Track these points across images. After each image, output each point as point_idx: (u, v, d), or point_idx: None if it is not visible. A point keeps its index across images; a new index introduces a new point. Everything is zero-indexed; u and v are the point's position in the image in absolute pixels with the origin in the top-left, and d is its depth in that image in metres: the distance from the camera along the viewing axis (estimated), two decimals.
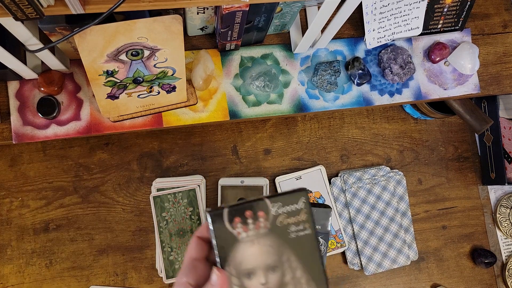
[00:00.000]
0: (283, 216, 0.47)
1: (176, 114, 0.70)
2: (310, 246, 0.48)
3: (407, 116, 0.93)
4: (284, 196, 0.47)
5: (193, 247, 0.47)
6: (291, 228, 0.47)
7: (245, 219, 0.46)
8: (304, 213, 0.47)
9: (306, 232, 0.47)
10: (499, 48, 0.80)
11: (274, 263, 0.47)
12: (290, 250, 0.47)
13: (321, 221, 0.63)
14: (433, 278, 0.89)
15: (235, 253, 0.46)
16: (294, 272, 0.48)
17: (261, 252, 0.47)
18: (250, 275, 0.46)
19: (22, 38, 0.52)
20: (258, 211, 0.46)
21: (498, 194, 0.95)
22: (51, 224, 0.80)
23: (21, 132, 0.67)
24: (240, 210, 0.46)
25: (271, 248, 0.47)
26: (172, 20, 0.52)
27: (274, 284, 0.47)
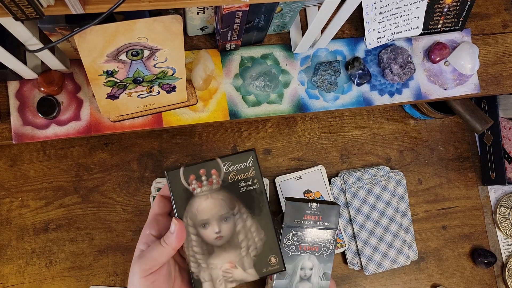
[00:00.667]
0: (233, 173, 0.53)
1: (176, 114, 0.70)
2: (258, 198, 0.54)
3: (407, 116, 0.93)
4: (234, 156, 0.53)
5: (156, 204, 0.53)
6: (241, 183, 0.53)
7: (199, 176, 0.52)
8: (252, 170, 0.53)
9: (254, 187, 0.53)
10: (499, 48, 0.80)
11: (227, 214, 0.53)
12: (240, 202, 0.53)
13: (329, 217, 0.68)
14: (433, 278, 0.89)
15: (191, 206, 0.52)
16: (245, 222, 0.53)
17: (214, 204, 0.52)
18: (205, 225, 0.52)
19: (22, 38, 0.52)
20: (211, 169, 0.52)
21: (498, 194, 0.95)
22: (51, 224, 0.80)
23: (21, 132, 0.67)
24: (195, 169, 0.52)
25: (223, 201, 0.53)
26: (172, 20, 0.52)
27: (227, 232, 0.53)
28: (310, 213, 0.67)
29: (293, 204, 0.66)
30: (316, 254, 0.67)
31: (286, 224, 0.66)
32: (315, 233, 0.67)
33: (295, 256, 0.67)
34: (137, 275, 0.48)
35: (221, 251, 0.53)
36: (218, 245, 0.53)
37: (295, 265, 0.67)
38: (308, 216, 0.67)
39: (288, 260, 0.67)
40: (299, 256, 0.67)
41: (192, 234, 0.52)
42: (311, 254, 0.67)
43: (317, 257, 0.67)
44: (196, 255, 0.52)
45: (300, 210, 0.67)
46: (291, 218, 0.66)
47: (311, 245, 0.67)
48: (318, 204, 0.67)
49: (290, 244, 0.67)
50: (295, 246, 0.67)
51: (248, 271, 0.53)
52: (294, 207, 0.66)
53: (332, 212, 0.67)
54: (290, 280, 0.67)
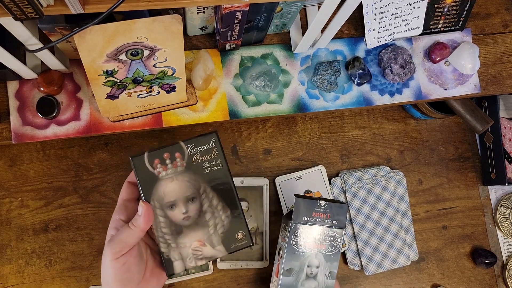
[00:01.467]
0: (197, 155, 0.55)
1: (176, 114, 0.70)
2: (223, 177, 0.56)
3: (408, 116, 0.93)
4: (197, 138, 0.55)
5: (124, 190, 0.55)
6: (205, 164, 0.55)
7: (163, 160, 0.54)
8: (215, 151, 0.55)
9: (218, 167, 0.55)
10: (500, 48, 0.80)
11: (193, 195, 0.55)
12: (205, 182, 0.55)
13: (337, 216, 0.68)
14: (434, 278, 0.89)
15: (157, 189, 0.54)
16: (211, 201, 0.55)
17: (180, 186, 0.54)
18: (172, 206, 0.54)
19: (22, 38, 0.52)
20: (175, 153, 0.54)
21: (499, 194, 0.94)
22: (51, 224, 0.80)
23: (20, 132, 0.67)
24: (158, 153, 0.54)
25: (189, 182, 0.55)
26: (172, 20, 0.52)
27: (194, 212, 0.55)
28: (318, 211, 0.67)
29: (303, 201, 0.67)
30: (323, 252, 0.68)
31: (295, 221, 0.66)
32: (323, 231, 0.67)
33: (302, 254, 0.67)
34: (108, 258, 0.50)
35: (189, 231, 0.55)
36: (186, 225, 0.55)
37: (302, 263, 0.67)
38: (316, 214, 0.67)
39: (295, 257, 0.67)
40: (306, 254, 0.67)
41: (160, 216, 0.54)
42: (318, 252, 0.67)
43: (323, 255, 0.68)
44: (165, 235, 0.54)
45: (309, 207, 0.67)
46: (300, 215, 0.67)
47: (318, 243, 0.67)
48: (326, 202, 0.68)
49: (298, 241, 0.67)
50: (303, 244, 0.67)
51: (217, 248, 0.56)
52: (303, 204, 0.67)
53: (340, 211, 0.68)
54: (296, 277, 0.67)
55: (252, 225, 0.83)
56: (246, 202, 0.83)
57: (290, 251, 0.67)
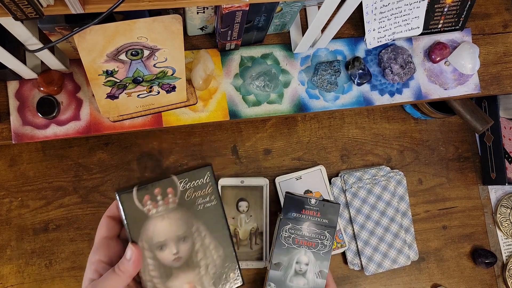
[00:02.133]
0: (190, 191, 0.51)
1: (176, 114, 0.70)
2: (217, 215, 0.52)
3: (408, 116, 0.93)
4: (190, 172, 0.51)
5: (104, 226, 0.49)
6: (198, 201, 0.51)
7: (154, 196, 0.49)
8: (209, 186, 0.52)
9: (212, 204, 0.52)
10: (500, 48, 0.80)
11: (184, 234, 0.51)
12: (198, 220, 0.51)
13: (328, 215, 0.68)
14: (434, 278, 0.89)
15: (146, 228, 0.49)
16: (203, 240, 0.52)
17: (171, 225, 0.50)
18: (162, 247, 0.50)
19: (22, 38, 0.52)
20: (167, 188, 0.50)
21: (499, 194, 0.94)
22: (51, 224, 0.80)
23: (20, 132, 0.67)
24: (149, 188, 0.49)
25: (181, 220, 0.50)
26: (172, 20, 0.52)
27: (185, 252, 0.51)
28: (308, 208, 0.68)
29: (292, 198, 0.68)
30: (313, 250, 0.68)
31: (283, 215, 0.67)
32: (312, 228, 0.68)
33: (291, 249, 0.67)
34: None
35: (179, 272, 0.50)
36: (176, 267, 0.50)
37: (291, 258, 0.67)
38: (306, 211, 0.68)
39: (284, 252, 0.67)
40: (295, 250, 0.67)
41: (148, 258, 0.49)
42: (308, 249, 0.67)
43: (313, 253, 0.68)
44: (153, 279, 0.49)
45: (299, 204, 0.68)
46: (288, 211, 0.67)
47: (308, 240, 0.68)
48: (317, 200, 0.68)
49: (287, 236, 0.67)
50: (292, 239, 0.67)
51: None
52: (293, 200, 0.67)
53: (331, 210, 0.68)
54: (284, 272, 0.67)
55: (252, 225, 0.83)
56: (246, 202, 0.83)
57: (278, 245, 0.68)
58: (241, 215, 0.83)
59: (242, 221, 0.83)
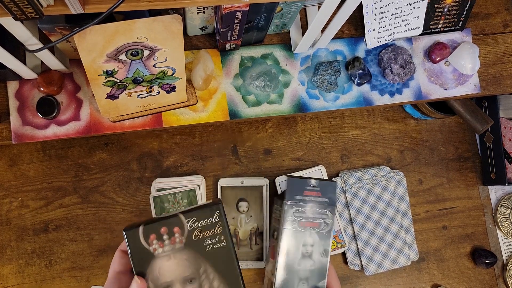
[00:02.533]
0: (198, 230, 0.48)
1: (176, 114, 0.70)
2: (226, 256, 0.49)
3: (408, 116, 0.93)
4: (199, 210, 0.48)
5: (117, 261, 0.49)
6: (206, 241, 0.48)
7: (160, 235, 0.47)
8: (219, 226, 0.49)
9: (221, 244, 0.49)
10: (500, 48, 0.80)
11: (191, 275, 0.48)
12: (206, 262, 0.48)
13: (328, 194, 0.70)
14: (434, 279, 0.89)
15: (152, 268, 0.47)
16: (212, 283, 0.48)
17: (178, 265, 0.48)
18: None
19: (22, 38, 0.52)
20: (173, 227, 0.47)
21: (499, 194, 0.94)
22: (51, 224, 0.80)
23: (20, 132, 0.67)
24: (155, 227, 0.47)
25: (188, 261, 0.48)
26: (172, 20, 0.52)
27: None
28: (310, 189, 0.69)
29: (294, 181, 0.68)
30: (317, 231, 0.69)
31: (289, 200, 0.67)
32: (315, 209, 0.69)
33: (297, 233, 0.68)
34: None
35: None
36: None
37: (298, 242, 0.68)
38: (308, 192, 0.69)
39: (291, 237, 0.68)
40: (300, 233, 0.68)
41: None
42: (312, 230, 0.69)
43: (317, 234, 0.69)
44: None
45: (301, 186, 0.68)
46: (292, 194, 0.68)
47: (312, 221, 0.69)
48: (317, 180, 0.69)
49: (292, 220, 0.68)
50: (297, 223, 0.68)
51: None
52: (294, 183, 0.68)
53: (330, 188, 0.70)
54: (293, 257, 0.68)
55: (252, 225, 0.83)
56: (246, 202, 0.83)
57: (286, 233, 0.68)
58: (241, 215, 0.83)
59: (242, 221, 0.83)
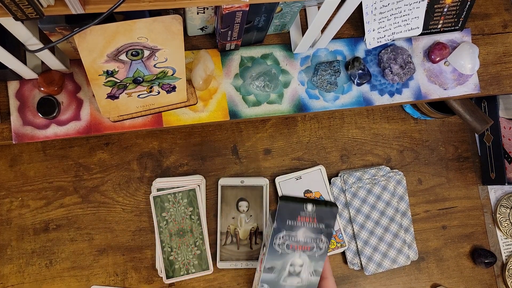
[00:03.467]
0: None
1: (176, 114, 0.70)
2: None
3: (407, 116, 0.93)
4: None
5: None
6: None
7: None
8: None
9: None
10: (499, 48, 0.80)
11: None
12: None
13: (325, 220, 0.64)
14: (433, 278, 0.89)
15: None
16: None
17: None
18: None
19: (22, 38, 0.52)
20: None
21: (498, 194, 0.95)
22: (51, 224, 0.80)
23: (21, 132, 0.67)
24: None
25: None
26: (172, 20, 0.52)
27: None
28: (304, 215, 0.64)
29: (287, 206, 0.62)
30: (308, 253, 0.64)
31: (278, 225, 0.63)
32: (308, 234, 0.64)
33: (284, 254, 0.64)
34: None
35: None
36: None
37: (285, 262, 0.64)
38: (302, 218, 0.64)
39: (278, 257, 0.64)
40: (289, 254, 0.64)
41: None
42: (303, 252, 0.64)
43: (308, 256, 0.65)
44: None
45: (294, 212, 0.63)
46: (283, 219, 0.63)
47: (303, 245, 0.64)
48: (314, 206, 0.63)
49: (280, 243, 0.64)
50: (286, 246, 0.64)
51: None
52: (287, 209, 0.62)
53: (329, 214, 0.64)
54: (278, 274, 0.64)
55: (252, 225, 0.83)
56: (246, 202, 0.83)
57: (271, 252, 0.64)
58: (241, 215, 0.83)
59: (242, 221, 0.83)
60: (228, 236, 0.82)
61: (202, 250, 0.81)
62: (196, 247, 0.81)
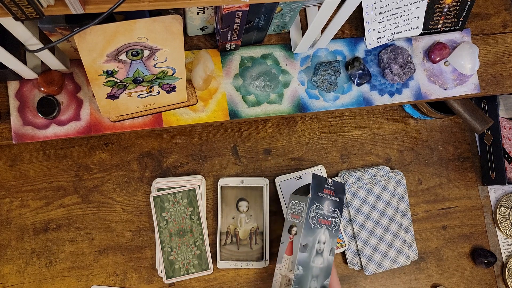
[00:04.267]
0: None
1: (176, 114, 0.70)
2: None
3: (407, 116, 0.93)
4: None
5: None
6: None
7: None
8: None
9: None
10: (499, 48, 0.80)
11: None
12: None
13: (338, 194, 0.73)
14: (433, 278, 0.89)
15: None
16: None
17: None
18: None
19: (22, 38, 0.53)
20: None
21: (498, 194, 0.95)
22: (51, 224, 0.80)
23: (21, 132, 0.67)
24: None
25: None
26: (172, 20, 0.52)
27: None
28: (327, 188, 0.72)
29: (317, 178, 0.71)
30: (329, 229, 0.71)
31: (313, 195, 0.69)
32: (330, 207, 0.71)
33: (315, 229, 0.70)
34: None
35: None
36: None
37: (314, 238, 0.70)
38: (326, 190, 0.72)
39: (310, 233, 0.70)
40: (318, 229, 0.70)
41: None
42: (325, 228, 0.71)
43: (329, 232, 0.71)
44: None
45: (321, 184, 0.71)
46: (316, 190, 0.70)
47: (327, 219, 0.71)
48: (332, 180, 0.73)
49: (313, 216, 0.70)
50: (316, 219, 0.70)
51: None
52: (318, 180, 0.70)
53: (340, 188, 0.73)
54: (310, 253, 0.69)
55: (252, 225, 0.83)
56: (246, 202, 0.83)
57: (307, 227, 0.69)
58: (241, 215, 0.83)
59: (242, 221, 0.83)
60: (228, 236, 0.82)
61: (202, 250, 0.81)
62: (196, 247, 0.81)
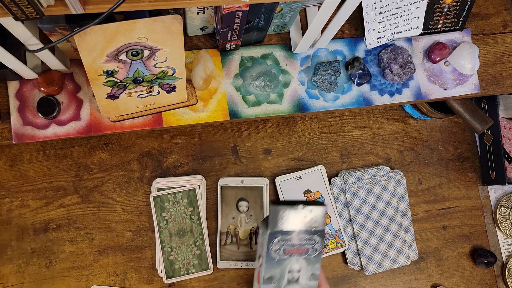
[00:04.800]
0: None
1: (176, 114, 0.70)
2: None
3: (407, 116, 0.93)
4: None
5: None
6: None
7: None
8: None
9: None
10: (499, 48, 0.80)
11: None
12: None
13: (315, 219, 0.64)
14: (433, 278, 0.89)
15: None
16: None
17: None
18: None
19: (22, 38, 0.53)
20: None
21: (498, 194, 0.95)
22: (51, 224, 0.80)
23: (21, 132, 0.67)
24: None
25: None
26: (172, 20, 0.52)
27: None
28: None
29: (277, 208, 0.62)
30: (304, 256, 0.65)
31: (272, 230, 0.62)
32: (302, 235, 0.64)
33: (282, 261, 0.64)
34: None
35: None
36: None
37: (283, 269, 0.64)
38: None
39: (275, 265, 0.64)
40: (286, 260, 0.64)
41: None
42: (299, 256, 0.64)
43: (305, 259, 0.65)
44: None
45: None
46: (275, 223, 0.62)
47: (298, 248, 0.64)
48: (304, 206, 0.63)
49: (277, 249, 0.63)
50: (282, 251, 0.64)
51: None
52: (276, 210, 0.62)
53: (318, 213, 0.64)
54: (277, 284, 0.64)
55: (252, 225, 0.83)
56: (246, 202, 0.83)
57: (269, 260, 0.63)
58: (241, 215, 0.83)
59: (242, 221, 0.83)
60: (228, 236, 0.82)
61: (202, 250, 0.81)
62: (196, 247, 0.81)
